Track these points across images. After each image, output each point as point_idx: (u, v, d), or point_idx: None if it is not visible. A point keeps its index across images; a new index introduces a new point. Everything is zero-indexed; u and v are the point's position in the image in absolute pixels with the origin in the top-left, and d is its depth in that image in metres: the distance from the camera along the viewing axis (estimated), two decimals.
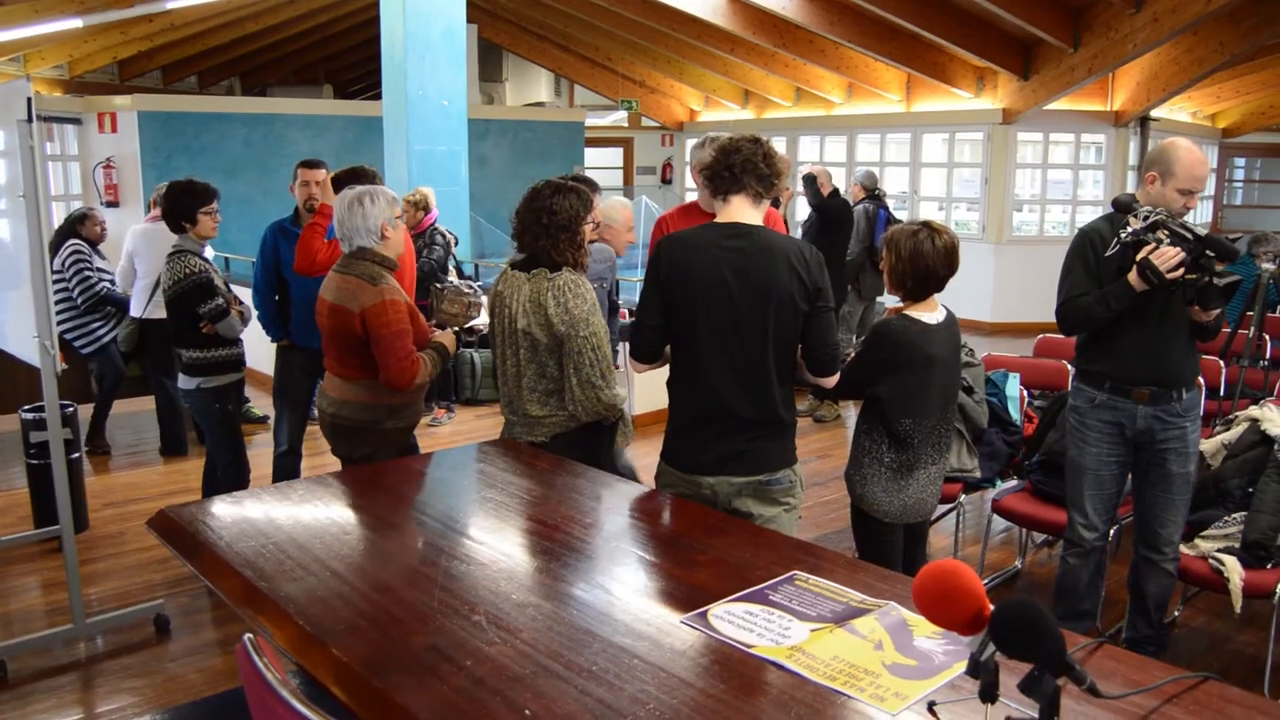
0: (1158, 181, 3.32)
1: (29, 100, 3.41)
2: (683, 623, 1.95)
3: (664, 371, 3.05)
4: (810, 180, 7.43)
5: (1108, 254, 3.33)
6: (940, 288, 3.15)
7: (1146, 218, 3.26)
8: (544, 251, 3.26)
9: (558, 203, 3.25)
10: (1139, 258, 3.22)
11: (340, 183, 4.34)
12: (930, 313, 3.15)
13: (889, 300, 3.37)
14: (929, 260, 3.07)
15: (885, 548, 3.22)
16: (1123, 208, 3.36)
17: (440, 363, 3.66)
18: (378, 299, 3.42)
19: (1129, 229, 3.28)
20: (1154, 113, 11.82)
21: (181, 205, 4.32)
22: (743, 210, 2.84)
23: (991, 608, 1.33)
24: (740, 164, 2.81)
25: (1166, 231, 3.22)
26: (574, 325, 3.17)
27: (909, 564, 3.27)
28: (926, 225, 3.14)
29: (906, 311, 3.15)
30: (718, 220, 2.88)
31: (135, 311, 6.17)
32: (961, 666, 1.67)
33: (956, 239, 3.16)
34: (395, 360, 3.44)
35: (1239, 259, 4.35)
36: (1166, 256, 3.17)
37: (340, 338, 3.54)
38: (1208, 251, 3.20)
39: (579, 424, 3.29)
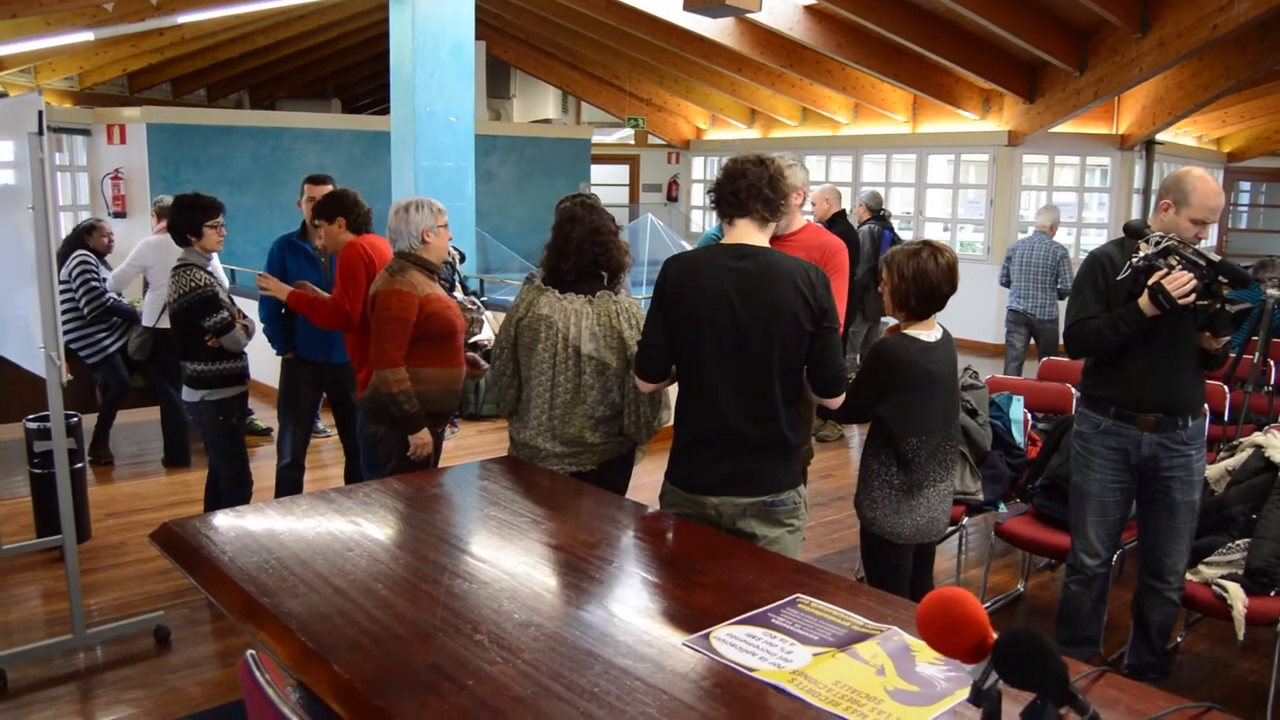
0: (1172, 209, 3.32)
1: (40, 114, 3.44)
2: (685, 645, 1.94)
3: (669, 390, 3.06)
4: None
5: (1119, 278, 3.34)
6: (942, 306, 3.16)
7: (1158, 243, 3.26)
8: (609, 261, 3.32)
9: (597, 219, 3.34)
10: (1151, 282, 3.21)
11: (320, 207, 4.35)
12: (928, 331, 3.16)
13: (892, 320, 3.38)
14: (933, 279, 3.09)
15: (895, 570, 3.21)
16: (1134, 233, 3.36)
17: (409, 416, 3.66)
18: (388, 286, 3.67)
19: (1141, 254, 3.28)
20: (1159, 136, 11.85)
21: (187, 219, 4.33)
22: (749, 233, 2.84)
23: (995, 636, 1.33)
24: (746, 189, 2.81)
25: (1178, 257, 3.22)
26: None
27: (917, 586, 3.26)
28: (928, 244, 3.16)
29: (904, 330, 3.16)
30: (724, 241, 2.88)
31: (149, 321, 6.19)
32: (964, 694, 1.67)
33: (956, 256, 3.18)
34: (378, 342, 3.65)
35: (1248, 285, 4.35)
36: (1179, 282, 3.16)
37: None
38: (1220, 278, 3.20)
39: (627, 449, 3.35)
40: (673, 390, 3.07)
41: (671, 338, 2.88)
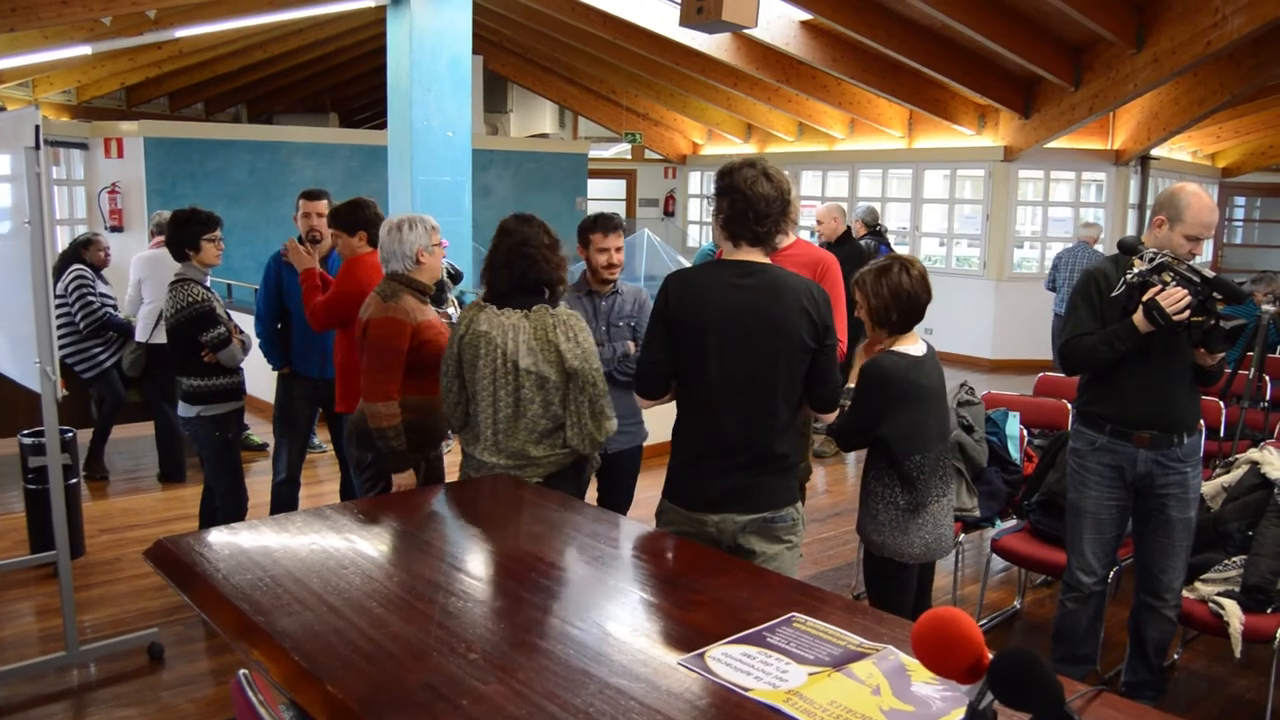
0: (1165, 225, 3.32)
1: (37, 128, 3.44)
2: (680, 664, 1.94)
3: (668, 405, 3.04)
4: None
5: (1114, 294, 3.34)
6: (922, 316, 3.16)
7: (1152, 259, 3.26)
8: (546, 275, 3.30)
9: (528, 231, 3.35)
10: (1145, 299, 3.22)
11: (340, 216, 4.35)
12: (914, 345, 3.16)
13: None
14: (908, 289, 3.12)
15: (901, 591, 3.19)
16: (1128, 249, 3.37)
17: (395, 453, 3.57)
18: (382, 314, 3.55)
19: (1135, 270, 3.28)
20: (1154, 152, 11.88)
21: (185, 233, 4.33)
22: (753, 252, 2.84)
23: (990, 656, 1.33)
24: (766, 232, 2.81)
25: (1173, 274, 3.22)
26: (587, 359, 3.22)
27: (917, 604, 3.24)
28: (895, 259, 3.19)
29: (893, 347, 3.16)
30: (726, 258, 2.88)
31: (141, 336, 6.19)
32: (959, 714, 1.66)
33: (925, 267, 3.21)
34: (369, 373, 3.54)
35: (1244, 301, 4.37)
36: (1173, 298, 3.17)
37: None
38: (1214, 294, 3.21)
39: (571, 461, 3.31)
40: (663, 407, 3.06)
41: (673, 354, 2.88)
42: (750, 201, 2.77)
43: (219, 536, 2.70)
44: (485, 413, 3.30)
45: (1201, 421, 3.58)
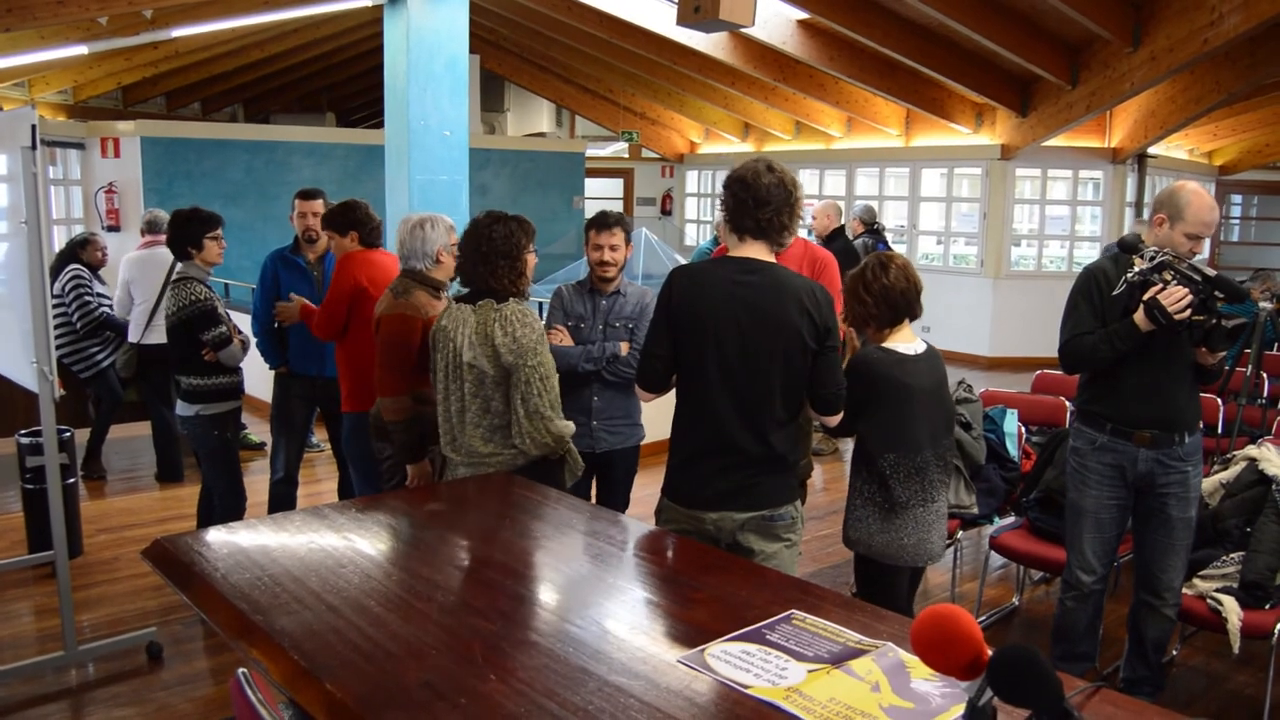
0: (1166, 224, 3.32)
1: (33, 128, 3.44)
2: (679, 662, 1.93)
3: (666, 402, 3.04)
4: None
5: (1114, 293, 3.33)
6: (912, 309, 3.15)
7: (1153, 258, 3.26)
8: (483, 279, 3.29)
9: (496, 230, 3.31)
10: (1146, 298, 3.21)
11: (332, 217, 4.35)
12: (908, 344, 3.15)
13: None
14: (883, 281, 3.11)
15: (888, 592, 3.14)
16: (1129, 248, 3.36)
17: (406, 446, 3.63)
18: (393, 310, 3.61)
19: (1136, 269, 3.28)
20: (1151, 150, 11.89)
21: (188, 232, 4.32)
22: (758, 250, 2.84)
23: (990, 653, 1.33)
24: (768, 220, 2.80)
25: (1173, 272, 3.21)
26: (522, 355, 3.19)
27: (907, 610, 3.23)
28: (870, 259, 3.19)
29: (884, 344, 3.15)
30: (730, 254, 2.89)
31: (133, 337, 6.18)
32: (959, 710, 1.66)
33: (906, 259, 3.20)
34: (379, 369, 3.61)
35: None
36: (1174, 297, 3.15)
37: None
38: (1215, 293, 3.20)
39: (528, 460, 3.28)
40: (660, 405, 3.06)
41: (675, 349, 2.87)
42: (752, 189, 2.78)
43: (217, 535, 2.70)
44: (441, 407, 3.34)
45: (1201, 421, 3.57)
